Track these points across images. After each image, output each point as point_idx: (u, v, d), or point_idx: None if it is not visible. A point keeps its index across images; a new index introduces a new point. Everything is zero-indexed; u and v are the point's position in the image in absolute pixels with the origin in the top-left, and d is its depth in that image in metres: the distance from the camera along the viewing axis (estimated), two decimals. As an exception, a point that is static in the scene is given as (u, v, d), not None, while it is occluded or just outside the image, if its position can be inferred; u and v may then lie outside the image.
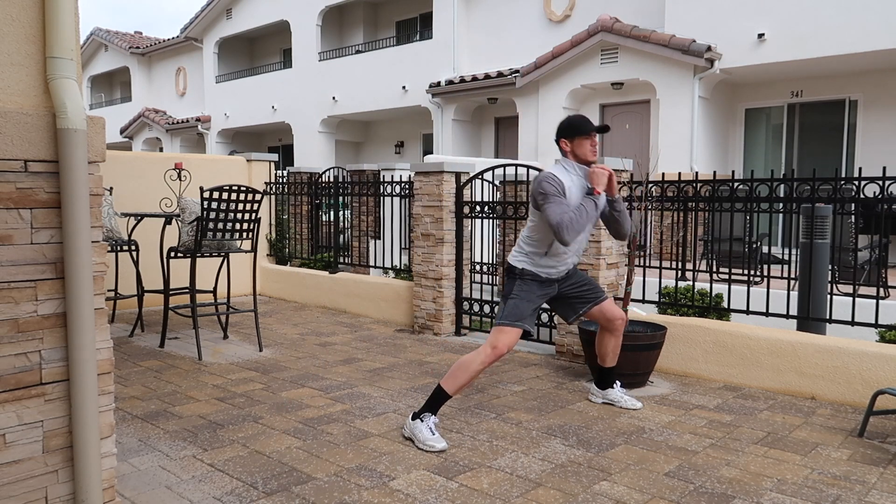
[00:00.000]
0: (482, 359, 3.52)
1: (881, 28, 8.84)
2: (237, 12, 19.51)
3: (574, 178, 3.66)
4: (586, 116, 3.75)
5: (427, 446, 3.39)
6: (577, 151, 3.69)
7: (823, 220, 4.94)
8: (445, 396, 3.55)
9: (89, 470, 2.21)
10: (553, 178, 3.56)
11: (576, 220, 3.47)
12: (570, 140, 3.70)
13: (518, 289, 3.70)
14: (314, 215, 8.72)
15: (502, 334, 3.57)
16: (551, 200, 3.51)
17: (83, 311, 2.16)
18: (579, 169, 3.70)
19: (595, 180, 3.59)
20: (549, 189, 3.53)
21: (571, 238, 3.48)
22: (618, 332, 4.08)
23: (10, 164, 2.08)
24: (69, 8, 2.12)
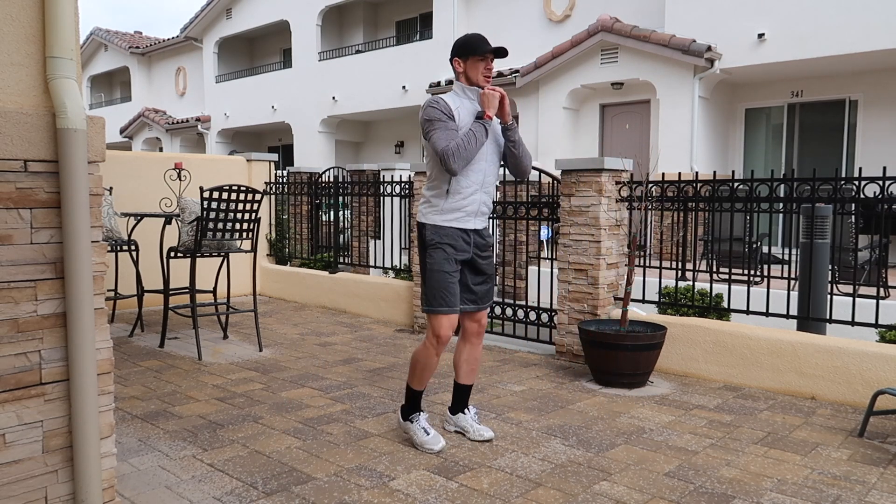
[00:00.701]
0: (432, 351, 3.36)
1: (881, 28, 8.83)
2: (237, 12, 19.50)
3: (465, 102, 3.37)
4: (483, 36, 3.38)
5: (426, 449, 3.36)
6: (469, 73, 3.36)
7: (823, 220, 4.94)
8: (415, 392, 3.47)
9: (89, 470, 2.21)
10: (440, 102, 3.27)
11: (463, 145, 3.19)
12: (464, 60, 3.36)
13: (431, 260, 3.34)
14: (314, 215, 8.72)
15: (439, 321, 3.31)
16: (436, 126, 3.22)
17: (83, 310, 2.16)
18: (471, 92, 3.38)
19: (485, 102, 3.30)
20: (433, 114, 3.24)
21: (459, 166, 3.20)
22: (476, 339, 3.57)
23: (9, 163, 2.07)
24: (69, 8, 2.12)
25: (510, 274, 7.91)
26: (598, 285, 5.16)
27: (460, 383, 3.62)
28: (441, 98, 3.30)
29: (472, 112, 3.35)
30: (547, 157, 12.02)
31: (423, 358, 3.39)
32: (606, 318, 5.12)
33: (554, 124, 12.32)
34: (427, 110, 3.27)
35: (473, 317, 3.54)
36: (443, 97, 3.32)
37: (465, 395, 3.65)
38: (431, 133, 3.23)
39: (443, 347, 3.36)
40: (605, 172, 5.14)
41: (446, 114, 3.25)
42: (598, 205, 5.11)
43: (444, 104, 3.27)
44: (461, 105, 3.35)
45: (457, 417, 3.65)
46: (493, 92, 3.31)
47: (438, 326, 3.32)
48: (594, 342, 4.65)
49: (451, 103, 3.31)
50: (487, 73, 3.36)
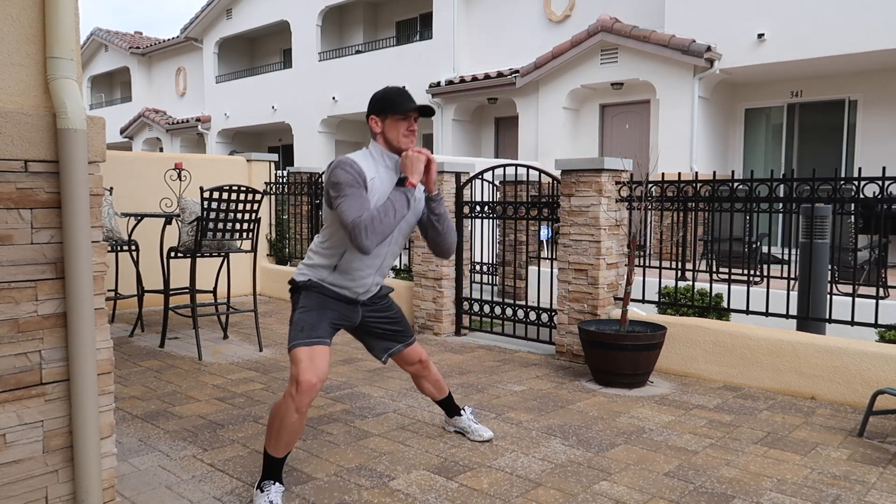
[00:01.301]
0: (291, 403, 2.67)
1: (881, 28, 8.84)
2: (237, 12, 19.51)
3: (381, 170, 2.85)
4: (406, 91, 2.89)
5: None
6: (388, 134, 2.85)
7: (823, 220, 4.95)
8: (274, 460, 2.77)
9: (89, 470, 2.21)
10: (351, 166, 2.72)
11: (379, 218, 2.64)
12: (381, 119, 2.86)
13: (304, 300, 2.87)
14: (314, 215, 8.72)
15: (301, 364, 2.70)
16: (347, 193, 2.66)
17: (83, 311, 2.16)
18: (389, 159, 2.88)
19: (408, 166, 2.79)
20: (343, 178, 2.68)
21: (372, 243, 2.64)
22: (427, 371, 3.40)
23: (10, 164, 2.08)
24: (69, 8, 2.12)
25: (510, 274, 7.91)
26: (597, 285, 5.16)
27: (438, 400, 3.57)
28: (353, 161, 2.75)
29: (390, 183, 2.83)
30: (547, 157, 12.02)
31: (280, 413, 2.70)
32: (606, 318, 5.12)
33: (554, 124, 12.32)
34: (335, 172, 2.71)
35: (408, 359, 3.30)
36: (356, 160, 2.77)
37: (450, 403, 3.60)
38: (340, 201, 2.67)
39: (305, 399, 2.66)
40: (605, 172, 5.14)
41: (359, 180, 2.71)
42: (598, 205, 5.12)
43: (356, 169, 2.72)
44: (377, 174, 2.82)
45: (454, 420, 3.63)
46: (419, 155, 2.81)
47: (298, 368, 2.69)
48: (594, 342, 4.65)
49: (366, 170, 2.77)
50: (410, 135, 2.86)
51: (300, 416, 2.69)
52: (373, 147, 2.90)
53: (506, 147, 14.61)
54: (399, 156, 2.87)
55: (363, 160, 2.81)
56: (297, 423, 2.70)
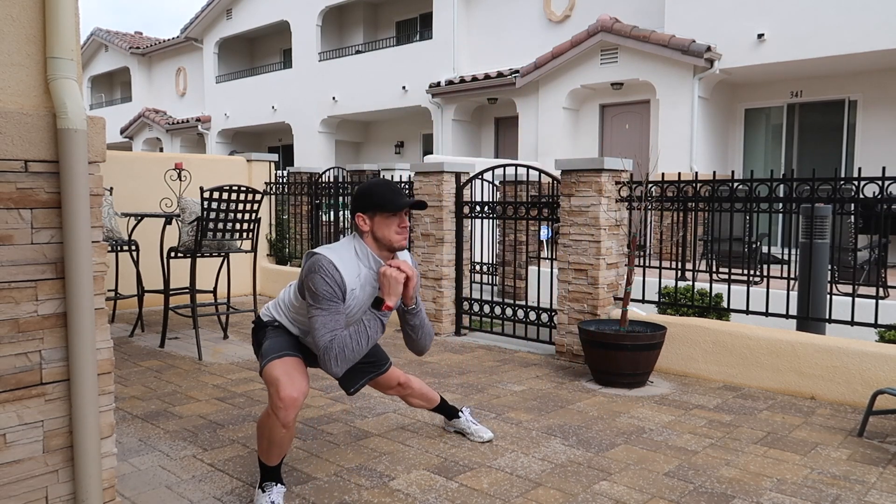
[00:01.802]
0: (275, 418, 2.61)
1: (881, 28, 8.84)
2: (237, 12, 19.51)
3: (363, 272, 2.70)
4: (395, 185, 2.72)
5: None
6: (378, 233, 2.68)
7: (823, 220, 4.95)
8: (269, 469, 2.75)
9: (89, 470, 2.21)
10: (331, 276, 2.56)
11: (350, 347, 2.56)
12: (370, 216, 2.68)
13: (270, 333, 2.85)
14: (314, 215, 8.72)
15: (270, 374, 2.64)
16: (323, 306, 2.55)
17: (83, 311, 2.16)
18: (374, 262, 2.71)
19: (386, 287, 2.62)
20: (322, 289, 2.55)
21: (342, 369, 2.59)
22: (408, 389, 3.32)
23: (10, 164, 2.08)
24: (69, 8, 2.13)
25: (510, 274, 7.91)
26: (597, 285, 5.16)
27: (433, 408, 3.54)
28: (335, 271, 2.58)
29: (372, 288, 2.73)
30: (547, 157, 12.03)
31: (266, 428, 2.66)
32: (606, 318, 5.13)
33: (554, 124, 12.32)
34: (314, 279, 2.56)
35: (387, 383, 3.24)
36: (339, 267, 2.60)
37: (445, 407, 3.58)
38: (314, 312, 2.57)
39: (290, 414, 2.58)
40: (605, 172, 5.14)
41: (338, 293, 2.58)
42: (598, 205, 5.12)
43: (337, 279, 2.58)
44: (360, 276, 2.69)
45: (454, 422, 3.63)
46: (399, 275, 2.64)
47: (275, 385, 2.60)
48: (594, 342, 4.65)
49: (348, 279, 2.62)
50: (402, 231, 2.68)
51: (287, 430, 2.62)
52: (358, 246, 2.71)
53: (506, 147, 14.62)
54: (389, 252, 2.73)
55: (346, 265, 2.64)
56: (286, 437, 2.64)
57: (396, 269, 2.65)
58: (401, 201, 2.66)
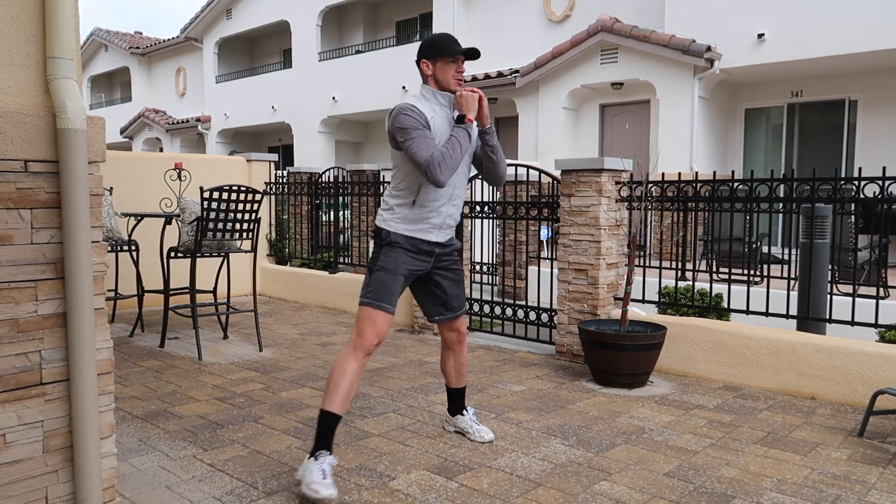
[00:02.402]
0: (355, 355, 2.98)
1: (881, 28, 8.84)
2: (237, 12, 19.51)
3: (437, 109, 3.12)
4: (453, 36, 3.14)
5: (311, 491, 2.74)
6: (438, 76, 3.11)
7: (823, 220, 4.95)
8: (333, 417, 2.94)
9: (89, 470, 2.21)
10: (412, 110, 2.99)
11: (448, 154, 2.94)
12: (433, 62, 3.11)
13: (384, 258, 3.11)
14: (314, 215, 8.72)
15: (369, 321, 3.01)
16: (413, 135, 2.94)
17: (83, 311, 2.16)
18: (442, 97, 3.13)
19: (463, 104, 3.05)
20: (408, 122, 2.95)
21: (446, 177, 2.95)
22: (459, 346, 3.49)
23: (10, 164, 2.08)
24: (69, 8, 2.12)
25: (510, 274, 7.91)
26: (597, 285, 5.16)
27: (452, 387, 3.58)
28: (413, 105, 3.02)
29: (446, 119, 3.12)
30: (547, 157, 12.02)
31: (341, 365, 2.96)
32: (606, 318, 5.12)
33: (554, 124, 12.32)
34: (399, 118, 2.98)
35: (451, 326, 3.41)
36: (414, 104, 3.04)
37: (460, 398, 3.61)
38: (408, 143, 2.95)
39: (366, 352, 2.99)
40: (605, 172, 5.14)
41: (422, 122, 2.98)
42: (598, 205, 5.12)
43: (418, 112, 2.99)
44: (435, 113, 3.09)
45: (456, 419, 3.63)
46: (473, 94, 3.08)
47: (365, 324, 3.00)
48: (594, 342, 4.65)
49: (425, 111, 3.04)
50: (459, 76, 3.12)
51: (359, 368, 2.98)
52: (424, 90, 3.16)
53: (506, 147, 14.59)
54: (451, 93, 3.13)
55: (420, 103, 3.07)
56: (355, 374, 2.97)
57: (470, 90, 3.09)
58: (457, 48, 3.09)
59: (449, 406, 3.66)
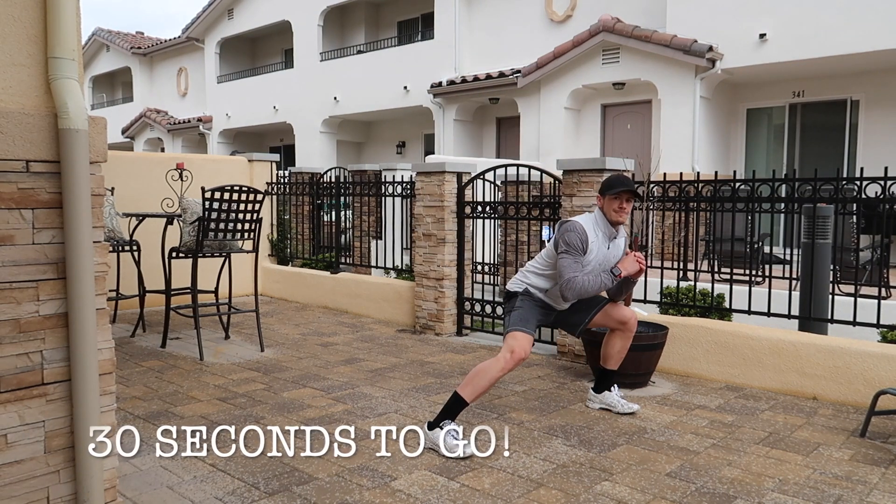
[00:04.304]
0: (502, 365, 3.47)
1: (882, 28, 8.82)
2: (238, 12, 19.51)
3: (599, 234, 3.74)
4: (625, 176, 3.80)
5: (450, 453, 3.29)
6: (605, 209, 3.75)
7: (825, 220, 4.94)
8: (463, 404, 3.46)
9: (91, 470, 2.21)
10: (579, 232, 3.63)
11: (586, 285, 3.58)
12: (603, 196, 3.76)
13: (519, 303, 3.76)
14: (316, 215, 8.72)
15: (516, 340, 3.56)
16: (570, 255, 3.59)
17: (85, 311, 2.16)
18: (605, 226, 3.76)
19: (626, 266, 3.71)
20: (571, 240, 3.61)
21: (574, 298, 3.68)
22: (628, 332, 4.04)
23: (11, 164, 2.08)
24: (71, 8, 2.12)
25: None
26: (599, 285, 5.15)
27: (609, 369, 4.11)
28: (581, 226, 3.65)
29: (600, 244, 3.73)
30: (548, 157, 12.00)
31: (489, 370, 3.49)
32: (608, 319, 5.11)
33: (555, 124, 12.31)
34: (567, 235, 3.62)
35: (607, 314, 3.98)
36: (583, 224, 3.68)
37: (611, 379, 4.13)
38: (563, 257, 3.60)
39: (513, 365, 3.51)
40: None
41: (583, 243, 3.62)
42: (600, 205, 5.10)
43: (582, 233, 3.63)
44: (596, 237, 3.71)
45: (602, 395, 4.11)
46: (640, 263, 3.74)
47: (513, 342, 3.55)
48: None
49: (589, 232, 3.67)
50: (621, 211, 3.70)
51: (500, 375, 3.52)
52: (597, 213, 3.81)
53: (507, 147, 14.61)
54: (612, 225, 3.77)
55: (589, 224, 3.73)
56: (494, 379, 3.51)
57: (639, 260, 3.75)
58: (619, 188, 3.67)
59: (596, 385, 4.18)
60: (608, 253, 3.79)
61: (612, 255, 3.82)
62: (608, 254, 3.79)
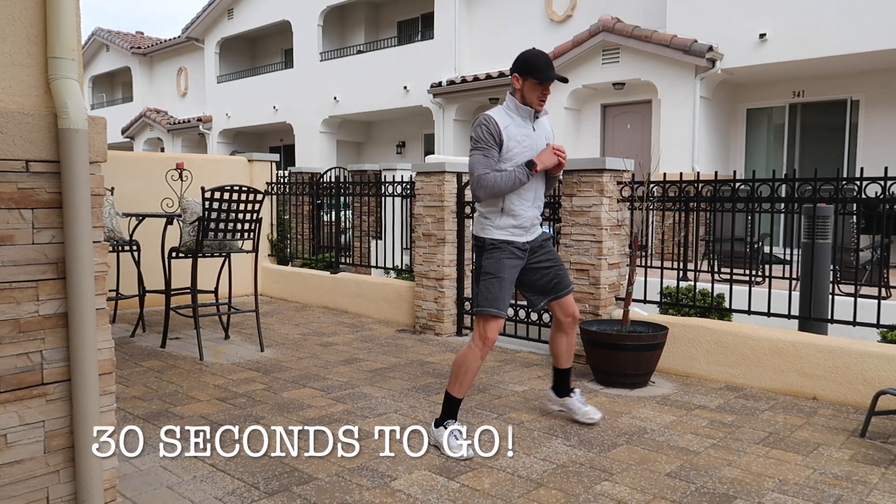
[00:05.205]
0: (477, 354, 3.40)
1: (883, 28, 8.82)
2: (238, 12, 19.51)
3: (516, 119, 3.36)
4: (549, 59, 3.34)
5: (454, 452, 3.29)
6: (525, 93, 3.34)
7: (825, 220, 4.94)
8: (456, 401, 3.45)
9: (91, 470, 2.21)
10: (489, 124, 3.28)
11: (499, 182, 3.26)
12: (523, 78, 3.34)
13: (487, 264, 3.43)
14: (315, 215, 8.72)
15: (486, 323, 3.38)
16: (480, 150, 3.28)
17: (85, 311, 2.16)
18: (523, 111, 3.37)
19: (542, 159, 3.33)
20: (479, 134, 3.29)
21: (483, 196, 3.32)
22: (570, 329, 3.78)
23: (11, 164, 2.08)
24: (71, 8, 2.12)
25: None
26: (599, 285, 5.16)
27: (561, 367, 3.85)
28: (492, 117, 3.30)
29: (520, 130, 3.35)
30: (548, 157, 12.00)
31: (467, 361, 3.41)
32: (608, 319, 5.12)
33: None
34: (476, 129, 3.30)
35: (564, 309, 3.69)
36: (494, 115, 3.32)
37: (567, 378, 3.88)
38: (472, 154, 3.31)
39: (488, 350, 3.42)
40: (607, 172, 5.13)
41: (493, 136, 3.27)
42: (600, 205, 5.11)
43: (492, 125, 3.27)
44: (511, 123, 3.34)
45: (564, 401, 3.87)
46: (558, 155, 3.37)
47: (486, 328, 3.38)
48: (596, 342, 4.64)
49: (501, 121, 3.31)
50: (543, 99, 3.36)
51: (481, 362, 3.43)
52: (509, 100, 3.39)
53: (507, 147, 14.58)
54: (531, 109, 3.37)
55: (499, 114, 3.34)
56: (476, 368, 3.42)
57: (559, 152, 3.37)
58: (549, 75, 3.30)
59: (555, 386, 3.92)
60: (535, 136, 3.41)
61: (540, 136, 3.44)
62: (536, 136, 3.41)
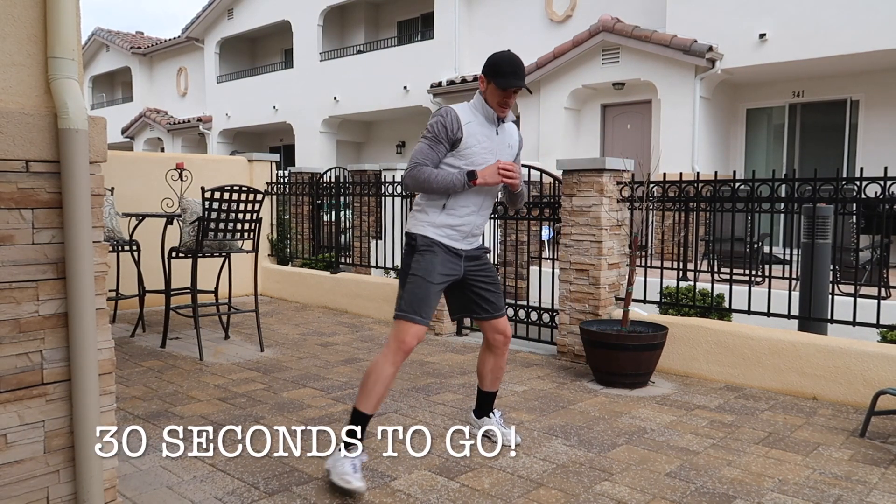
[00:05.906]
0: (392, 359, 3.02)
1: (883, 28, 8.82)
2: (238, 12, 19.51)
3: (479, 118, 3.18)
4: (520, 63, 3.16)
5: (343, 481, 2.86)
6: (487, 96, 3.17)
7: (825, 220, 4.94)
8: (364, 418, 3.03)
9: (91, 470, 2.21)
10: (446, 118, 3.09)
11: (430, 178, 3.02)
12: (489, 81, 3.15)
13: (417, 266, 3.12)
14: (315, 215, 8.72)
15: (406, 329, 3.04)
16: (426, 139, 3.10)
17: (85, 311, 2.16)
18: (486, 112, 3.18)
19: (484, 175, 3.08)
20: (434, 127, 3.09)
21: (410, 186, 3.09)
22: (501, 350, 3.44)
23: (11, 164, 2.08)
24: (71, 8, 2.12)
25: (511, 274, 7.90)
26: (599, 285, 5.16)
27: (485, 390, 3.54)
28: (452, 111, 3.11)
29: (482, 128, 3.17)
30: (548, 157, 12.00)
31: (378, 369, 3.01)
32: (608, 319, 5.12)
33: (555, 124, 12.31)
34: (432, 119, 3.13)
35: (495, 327, 3.38)
36: (457, 109, 3.14)
37: (490, 401, 3.57)
38: (420, 142, 3.12)
39: (403, 359, 3.05)
40: (607, 173, 5.14)
41: (447, 130, 3.07)
42: (600, 205, 5.11)
43: (450, 119, 3.08)
44: (473, 120, 3.15)
45: (482, 421, 3.57)
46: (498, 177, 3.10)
47: (404, 333, 3.03)
48: (595, 342, 4.64)
49: (463, 117, 3.12)
50: (504, 105, 3.17)
51: (394, 372, 3.04)
52: (477, 98, 3.22)
53: (507, 147, 14.59)
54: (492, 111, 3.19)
55: (463, 109, 3.17)
56: (389, 378, 3.03)
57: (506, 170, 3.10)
58: (509, 81, 3.09)
59: (477, 408, 3.61)
60: (498, 139, 3.21)
61: (504, 142, 3.24)
62: (498, 140, 3.21)
